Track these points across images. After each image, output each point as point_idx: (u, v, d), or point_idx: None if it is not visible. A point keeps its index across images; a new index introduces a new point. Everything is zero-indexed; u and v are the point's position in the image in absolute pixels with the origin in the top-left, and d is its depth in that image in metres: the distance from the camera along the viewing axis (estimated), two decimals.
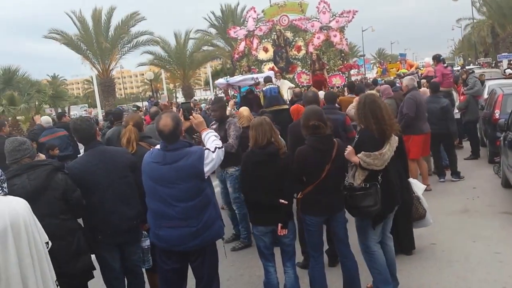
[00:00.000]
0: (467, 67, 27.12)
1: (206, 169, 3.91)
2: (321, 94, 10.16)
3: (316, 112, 4.69)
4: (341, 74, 16.96)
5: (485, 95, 12.38)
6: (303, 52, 17.76)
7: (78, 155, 6.75)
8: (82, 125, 4.43)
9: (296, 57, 17.90)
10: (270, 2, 24.48)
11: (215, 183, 5.90)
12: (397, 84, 12.24)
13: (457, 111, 11.42)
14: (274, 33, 17.98)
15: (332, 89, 15.13)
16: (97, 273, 4.41)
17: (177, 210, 3.88)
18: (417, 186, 5.50)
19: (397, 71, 27.89)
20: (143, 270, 4.81)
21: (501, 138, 8.35)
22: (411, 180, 5.38)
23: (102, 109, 31.46)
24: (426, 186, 6.48)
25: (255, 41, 18.40)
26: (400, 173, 4.73)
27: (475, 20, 47.96)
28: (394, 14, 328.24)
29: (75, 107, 59.79)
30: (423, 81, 13.57)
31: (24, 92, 33.56)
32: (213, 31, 41.13)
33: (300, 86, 16.19)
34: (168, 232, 3.92)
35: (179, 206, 3.87)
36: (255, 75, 14.34)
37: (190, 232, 3.89)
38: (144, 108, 24.63)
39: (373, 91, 8.92)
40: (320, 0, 17.67)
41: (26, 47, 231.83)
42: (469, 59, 62.34)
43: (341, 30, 17.54)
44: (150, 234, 4.16)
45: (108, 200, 4.22)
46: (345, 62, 17.81)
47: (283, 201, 4.44)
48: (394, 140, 4.49)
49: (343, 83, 16.32)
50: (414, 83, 8.83)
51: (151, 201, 4.00)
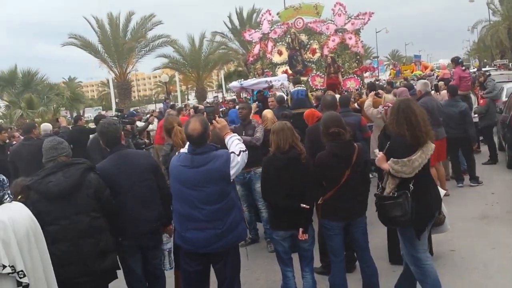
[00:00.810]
0: (483, 69, 26.81)
1: (232, 172, 4.00)
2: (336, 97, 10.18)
3: (335, 119, 4.69)
4: (356, 77, 16.82)
5: (504, 98, 12.22)
6: (317, 55, 17.68)
7: None
8: (110, 128, 4.54)
9: (311, 59, 17.84)
10: (284, 5, 24.48)
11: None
12: (415, 87, 12.07)
13: (475, 115, 11.21)
14: (289, 36, 17.93)
15: (347, 92, 15.10)
16: (120, 274, 4.45)
17: (203, 212, 3.96)
18: None
19: (412, 72, 27.69)
20: (170, 270, 4.83)
21: None
22: None
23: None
24: (445, 191, 6.39)
25: (270, 44, 18.37)
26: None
27: (491, 22, 47.37)
28: (409, 15, 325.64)
29: (90, 109, 60.37)
30: (441, 83, 13.38)
31: (43, 95, 34.07)
32: (228, 33, 41.28)
33: (314, 89, 16.12)
34: (194, 234, 4.00)
35: (205, 208, 3.96)
36: (268, 78, 14.31)
37: (216, 234, 3.97)
38: (158, 110, 24.78)
39: (390, 95, 8.80)
40: (335, 2, 17.58)
41: (41, 50, 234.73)
42: (485, 60, 61.63)
43: (357, 32, 17.43)
44: (176, 236, 4.21)
45: (129, 203, 4.29)
46: (360, 65, 17.69)
47: (304, 205, 4.47)
48: (429, 147, 4.30)
49: (358, 86, 16.22)
50: (427, 88, 8.69)
51: (178, 203, 4.09)
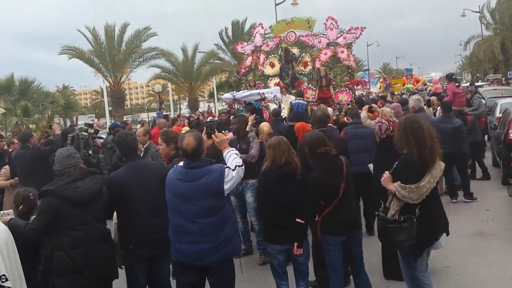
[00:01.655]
0: (476, 84, 26.99)
1: (226, 186, 4.06)
2: (329, 111, 10.18)
3: (319, 139, 4.74)
4: (348, 90, 16.87)
5: (498, 114, 12.23)
6: (309, 67, 17.73)
7: None
8: (127, 138, 4.71)
9: (303, 72, 17.87)
10: (276, 19, 24.62)
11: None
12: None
13: None
14: (280, 49, 17.99)
15: (339, 105, 15.11)
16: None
17: (197, 226, 4.02)
18: None
19: (403, 86, 27.85)
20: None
21: None
22: None
23: (111, 119, 31.71)
24: None
25: (262, 57, 18.42)
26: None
27: (484, 37, 47.89)
28: (401, 29, 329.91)
29: (83, 117, 60.26)
30: (433, 98, 13.41)
31: (39, 102, 34.17)
32: (221, 45, 41.59)
33: (307, 101, 16.10)
34: (188, 247, 4.06)
35: (199, 222, 4.02)
36: (261, 90, 14.32)
37: (209, 248, 4.03)
38: (152, 119, 24.69)
39: (388, 108, 8.79)
40: (328, 16, 17.69)
41: (35, 57, 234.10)
42: (478, 75, 62.25)
43: (348, 46, 17.52)
44: (171, 248, 4.25)
45: (142, 212, 4.40)
46: (352, 78, 17.75)
47: (299, 220, 4.52)
48: (438, 168, 4.16)
49: (350, 99, 16.25)
50: (421, 104, 8.68)
51: (173, 216, 4.16)
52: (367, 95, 28.37)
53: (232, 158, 4.22)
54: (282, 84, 16.84)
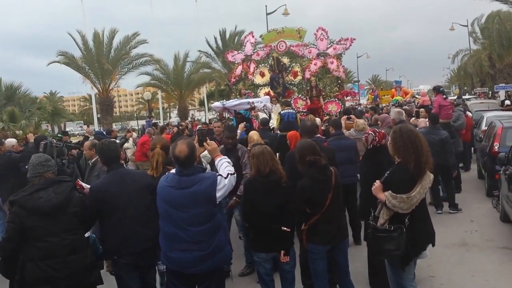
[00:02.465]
0: (463, 97, 27.30)
1: (218, 194, 4.04)
2: (317, 121, 10.25)
3: (310, 147, 4.76)
4: (337, 101, 16.96)
5: (483, 127, 12.40)
6: (299, 77, 17.79)
7: None
8: (110, 146, 4.66)
9: (293, 82, 17.91)
10: (267, 28, 24.74)
11: None
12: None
13: None
14: (271, 58, 18.05)
15: (329, 115, 15.18)
16: None
17: (188, 233, 3.99)
18: None
19: (392, 98, 28.08)
20: None
21: (501, 171, 8.30)
22: None
23: (99, 127, 31.50)
24: None
25: (252, 66, 18.42)
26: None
27: (472, 51, 48.48)
28: (391, 41, 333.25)
29: (71, 123, 59.87)
30: (421, 110, 13.56)
31: (25, 108, 33.76)
32: (211, 53, 41.49)
33: (296, 111, 16.17)
34: (179, 255, 4.03)
35: (190, 230, 3.99)
36: (251, 99, 14.33)
37: (200, 256, 4.00)
38: (141, 127, 24.65)
39: (362, 120, 8.92)
40: (318, 27, 17.80)
41: (23, 63, 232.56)
42: (465, 88, 62.97)
43: (338, 57, 17.61)
44: (162, 256, 4.22)
45: (126, 221, 4.31)
46: (342, 89, 17.84)
47: (285, 228, 4.52)
48: (428, 179, 4.19)
49: (339, 110, 16.34)
50: (401, 116, 8.73)
51: (164, 223, 4.12)
52: (355, 107, 28.54)
53: (224, 166, 4.20)
54: (272, 93, 16.93)
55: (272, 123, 12.67)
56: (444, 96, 12.97)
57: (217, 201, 4.06)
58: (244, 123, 10.98)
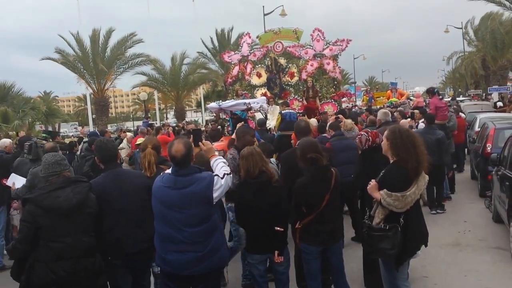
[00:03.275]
0: (457, 99, 27.44)
1: (215, 195, 3.98)
2: (313, 121, 10.28)
3: (312, 145, 4.76)
4: (333, 102, 17.03)
5: (477, 128, 12.50)
6: (296, 78, 17.85)
7: None
8: (108, 144, 4.57)
9: (289, 83, 17.97)
10: (265, 29, 24.74)
11: None
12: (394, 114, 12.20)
13: None
14: (268, 59, 18.08)
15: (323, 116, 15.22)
16: None
17: (185, 234, 3.93)
18: None
19: (388, 99, 28.18)
20: None
21: (493, 172, 8.38)
22: None
23: (94, 127, 31.33)
24: None
25: (249, 66, 18.45)
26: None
27: (466, 53, 48.65)
28: (388, 43, 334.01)
29: (65, 124, 59.60)
30: (416, 111, 13.64)
31: (19, 108, 33.49)
32: (208, 54, 41.38)
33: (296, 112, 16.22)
34: (175, 256, 3.96)
35: (187, 231, 3.92)
36: (247, 100, 14.33)
37: (196, 257, 3.94)
38: (136, 128, 24.60)
39: (349, 120, 8.96)
40: (314, 28, 17.87)
41: (17, 62, 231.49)
42: (459, 90, 63.23)
43: (334, 58, 17.66)
44: (156, 258, 4.15)
45: (122, 222, 4.24)
46: (338, 90, 17.91)
47: (278, 228, 4.50)
48: (423, 180, 4.21)
49: (335, 111, 16.39)
50: (387, 117, 8.76)
51: (160, 225, 4.04)
52: (350, 108, 28.58)
53: (220, 166, 4.15)
54: (269, 94, 16.98)
55: (269, 124, 12.72)
56: (440, 97, 13.06)
57: (213, 201, 4.00)
58: (242, 123, 10.98)
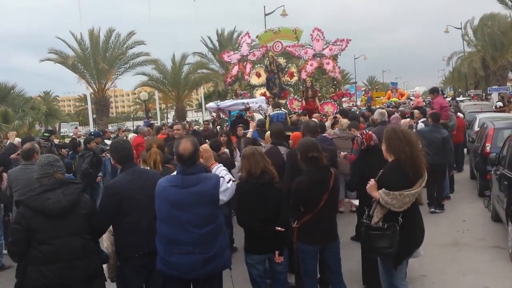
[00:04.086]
0: (457, 99, 27.45)
1: (221, 196, 3.98)
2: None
3: (313, 144, 4.80)
4: (333, 102, 17.01)
5: (476, 128, 12.52)
6: (295, 78, 17.81)
7: None
8: (124, 144, 4.56)
9: (289, 83, 17.93)
10: (265, 28, 24.70)
11: None
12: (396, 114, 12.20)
13: None
14: (267, 58, 18.05)
15: (325, 116, 15.22)
16: None
17: (192, 236, 3.90)
18: None
19: (388, 99, 28.22)
20: None
21: (492, 172, 8.39)
22: None
23: (94, 127, 31.32)
24: None
25: (248, 66, 18.40)
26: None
27: (466, 53, 48.64)
28: (388, 43, 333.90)
29: (66, 124, 59.57)
30: (416, 111, 13.67)
31: (19, 108, 33.48)
32: (209, 54, 41.33)
33: (292, 112, 16.22)
34: (180, 259, 3.91)
35: (194, 232, 3.90)
36: (245, 100, 14.31)
37: (202, 259, 3.90)
38: (136, 128, 24.58)
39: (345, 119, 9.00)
40: (314, 28, 17.84)
41: (18, 62, 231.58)
42: (459, 90, 63.21)
43: (334, 58, 17.63)
44: (158, 261, 4.05)
45: (145, 220, 4.21)
46: (337, 90, 17.89)
47: (279, 228, 4.50)
48: (422, 181, 4.22)
49: (335, 111, 16.39)
50: (383, 117, 8.77)
51: (164, 226, 3.99)
52: (349, 108, 28.61)
53: (224, 174, 4.11)
54: (268, 94, 16.95)
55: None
56: (444, 96, 13.09)
57: (219, 203, 3.99)
58: (242, 125, 10.94)
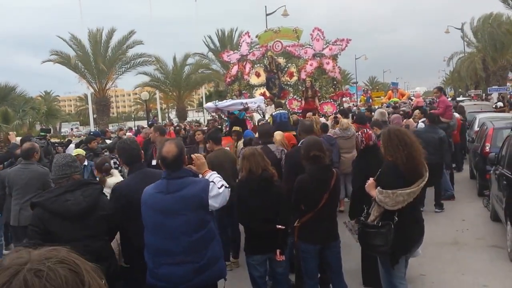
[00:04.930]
0: (457, 99, 27.48)
1: (211, 202, 3.74)
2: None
3: (316, 143, 4.80)
4: (333, 102, 17.01)
5: (476, 128, 12.54)
6: (295, 78, 17.81)
7: None
8: (132, 145, 4.43)
9: (288, 83, 17.93)
10: (266, 27, 24.69)
11: None
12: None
13: None
14: (266, 58, 18.05)
15: (324, 116, 15.23)
16: None
17: (181, 244, 3.68)
18: None
19: (389, 99, 28.22)
20: None
21: (491, 171, 8.39)
22: None
23: (95, 127, 31.32)
24: None
25: (248, 66, 18.40)
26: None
27: (466, 54, 48.66)
28: (388, 43, 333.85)
29: (66, 124, 59.68)
30: (416, 111, 13.68)
31: (19, 108, 33.49)
32: (209, 54, 41.32)
33: (291, 112, 16.23)
34: (170, 270, 3.68)
35: (183, 239, 3.68)
36: (244, 100, 14.28)
37: (194, 269, 3.68)
38: (136, 128, 24.66)
39: (346, 119, 9.03)
40: (314, 27, 17.85)
41: (19, 62, 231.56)
42: (460, 90, 63.25)
43: (334, 57, 17.64)
44: (148, 274, 3.83)
45: None
46: (337, 90, 17.90)
47: (280, 226, 4.48)
48: (421, 181, 4.23)
49: (334, 111, 16.40)
50: (383, 117, 8.77)
51: (152, 236, 3.77)
52: (349, 108, 28.60)
53: (217, 181, 3.86)
54: (267, 94, 16.94)
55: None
56: (447, 96, 13.20)
57: (209, 208, 3.78)
58: (239, 128, 10.93)
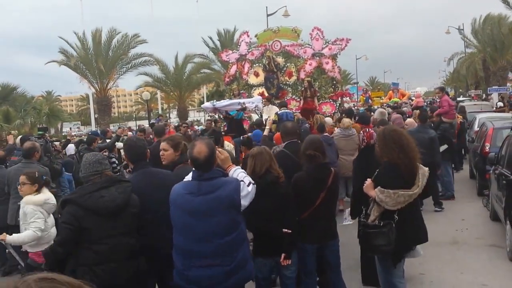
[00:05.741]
0: (458, 99, 27.49)
1: (242, 202, 3.69)
2: (328, 120, 10.34)
3: (314, 142, 4.80)
4: (332, 102, 16.93)
5: (476, 128, 12.56)
6: (294, 78, 17.71)
7: None
8: (138, 143, 4.42)
9: (287, 83, 17.81)
10: (267, 26, 24.65)
11: None
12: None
13: None
14: (265, 57, 17.97)
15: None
16: None
17: (212, 246, 3.60)
18: None
19: (389, 99, 28.25)
20: None
21: (491, 171, 8.39)
22: None
23: (96, 127, 31.32)
24: None
25: (247, 66, 18.27)
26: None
27: (466, 54, 48.66)
28: (388, 43, 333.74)
29: (68, 124, 59.65)
30: (416, 111, 13.72)
31: (20, 108, 33.55)
32: (210, 54, 41.33)
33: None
34: (199, 272, 3.60)
35: (214, 242, 3.60)
36: (242, 100, 14.18)
37: (224, 272, 3.60)
38: (138, 127, 24.68)
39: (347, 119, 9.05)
40: (313, 27, 17.77)
41: (20, 62, 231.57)
42: (460, 90, 63.27)
43: (334, 57, 17.53)
44: (176, 275, 3.75)
45: (157, 223, 4.03)
46: (337, 90, 17.83)
47: (286, 230, 4.36)
48: (423, 177, 4.24)
49: (333, 111, 16.37)
50: (384, 117, 8.78)
51: (182, 237, 3.69)
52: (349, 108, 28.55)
53: (242, 176, 3.81)
54: (265, 94, 16.87)
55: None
56: (450, 97, 13.24)
57: (241, 208, 3.71)
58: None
